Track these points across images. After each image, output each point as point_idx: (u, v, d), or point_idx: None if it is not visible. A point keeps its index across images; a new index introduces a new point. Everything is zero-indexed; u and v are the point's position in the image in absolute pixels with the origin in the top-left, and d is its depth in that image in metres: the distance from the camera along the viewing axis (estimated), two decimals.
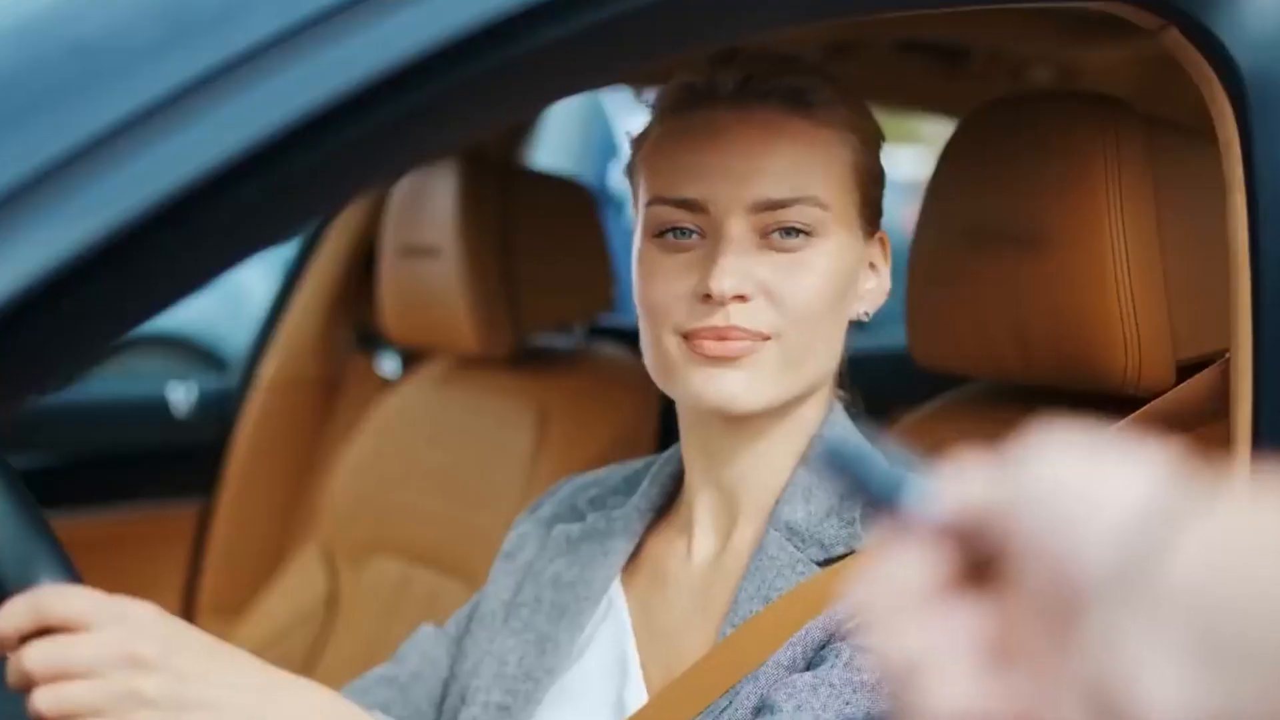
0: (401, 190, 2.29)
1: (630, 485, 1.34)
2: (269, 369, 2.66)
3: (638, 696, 1.19)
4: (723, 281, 1.14)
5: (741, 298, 1.15)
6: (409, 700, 1.32)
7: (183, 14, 0.90)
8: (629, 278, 1.26)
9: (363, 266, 2.59)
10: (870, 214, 1.24)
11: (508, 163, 2.55)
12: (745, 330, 1.16)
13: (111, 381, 2.87)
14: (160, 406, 2.66)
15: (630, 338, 1.71)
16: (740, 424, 1.21)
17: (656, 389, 1.24)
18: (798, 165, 1.18)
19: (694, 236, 1.19)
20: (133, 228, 0.83)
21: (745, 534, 1.23)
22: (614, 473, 1.38)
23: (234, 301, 5.65)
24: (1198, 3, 1.19)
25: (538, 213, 2.24)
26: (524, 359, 2.21)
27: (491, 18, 0.90)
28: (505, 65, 0.92)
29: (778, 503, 1.21)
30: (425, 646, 1.35)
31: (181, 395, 2.67)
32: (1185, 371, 1.29)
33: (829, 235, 1.18)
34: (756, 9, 1.07)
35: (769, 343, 1.17)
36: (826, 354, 1.21)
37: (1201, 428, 1.27)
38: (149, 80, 0.86)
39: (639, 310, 1.22)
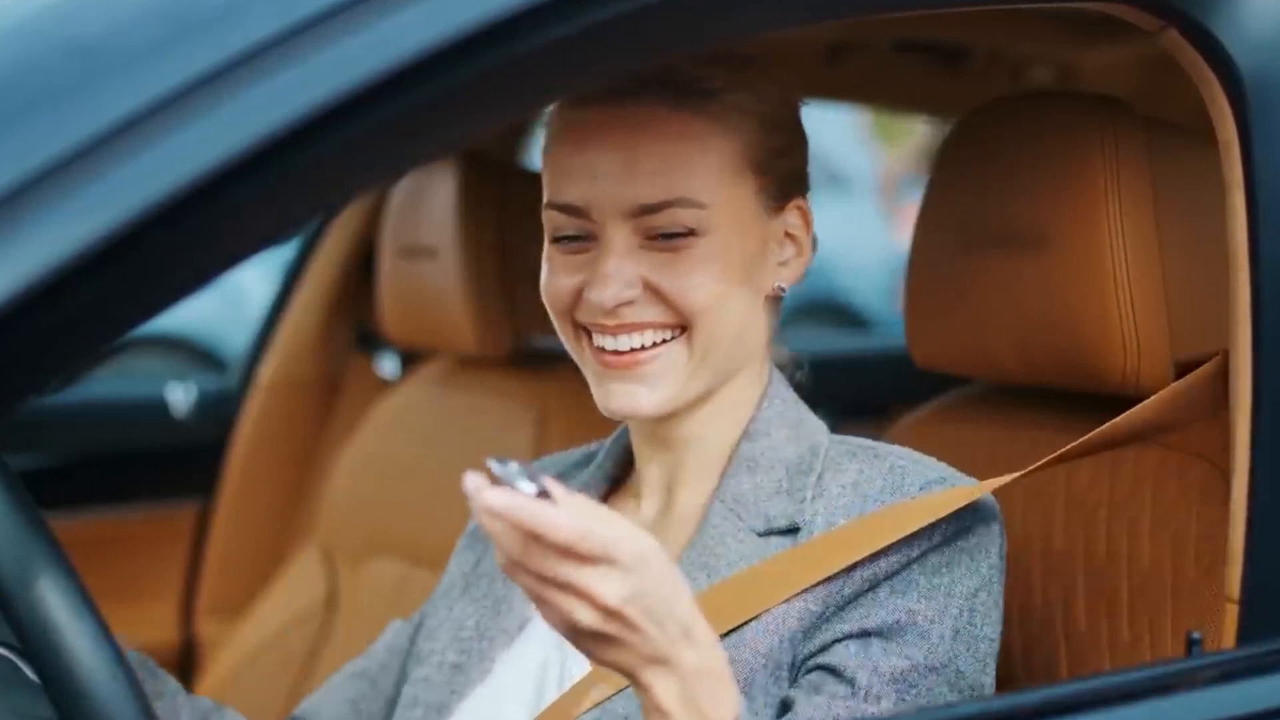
0: (401, 190, 2.29)
1: (589, 460, 1.34)
2: (268, 369, 2.66)
3: (580, 663, 1.18)
4: (604, 293, 1.14)
5: (627, 303, 1.15)
6: (379, 691, 1.34)
7: (183, 14, 0.90)
8: None
9: (362, 267, 2.59)
10: (777, 190, 1.20)
11: (507, 163, 2.54)
12: (639, 323, 1.15)
13: (111, 381, 2.87)
14: (159, 407, 2.66)
15: None
16: (663, 418, 1.20)
17: None
18: (669, 164, 1.15)
19: (584, 241, 1.18)
20: (133, 228, 0.83)
21: (691, 500, 1.23)
22: (573, 452, 1.38)
23: (234, 301, 5.65)
24: (1197, 3, 1.19)
25: (537, 213, 2.23)
26: (523, 359, 2.20)
27: (491, 18, 0.91)
28: (505, 65, 0.93)
29: (723, 476, 1.21)
30: (390, 639, 1.37)
31: (181, 396, 2.67)
32: (1184, 372, 1.29)
33: (714, 230, 1.16)
34: (757, 9, 1.07)
35: (675, 341, 1.16)
36: (740, 336, 1.20)
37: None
38: (149, 80, 0.86)
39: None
